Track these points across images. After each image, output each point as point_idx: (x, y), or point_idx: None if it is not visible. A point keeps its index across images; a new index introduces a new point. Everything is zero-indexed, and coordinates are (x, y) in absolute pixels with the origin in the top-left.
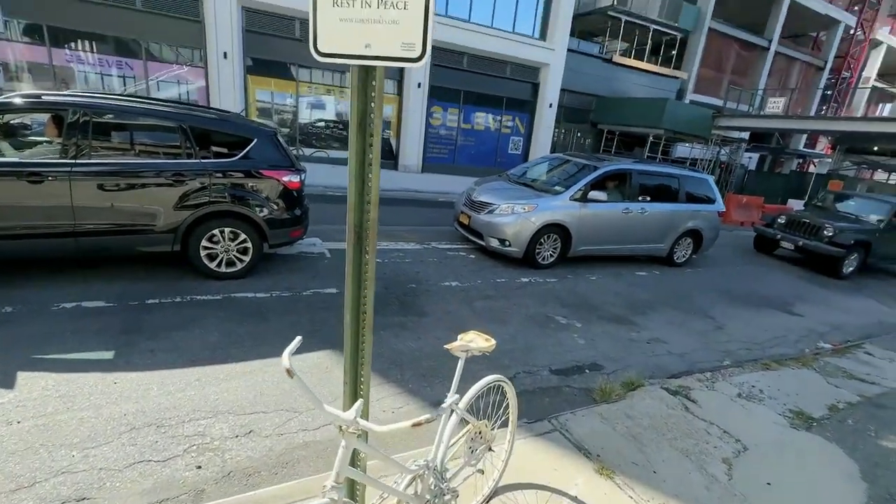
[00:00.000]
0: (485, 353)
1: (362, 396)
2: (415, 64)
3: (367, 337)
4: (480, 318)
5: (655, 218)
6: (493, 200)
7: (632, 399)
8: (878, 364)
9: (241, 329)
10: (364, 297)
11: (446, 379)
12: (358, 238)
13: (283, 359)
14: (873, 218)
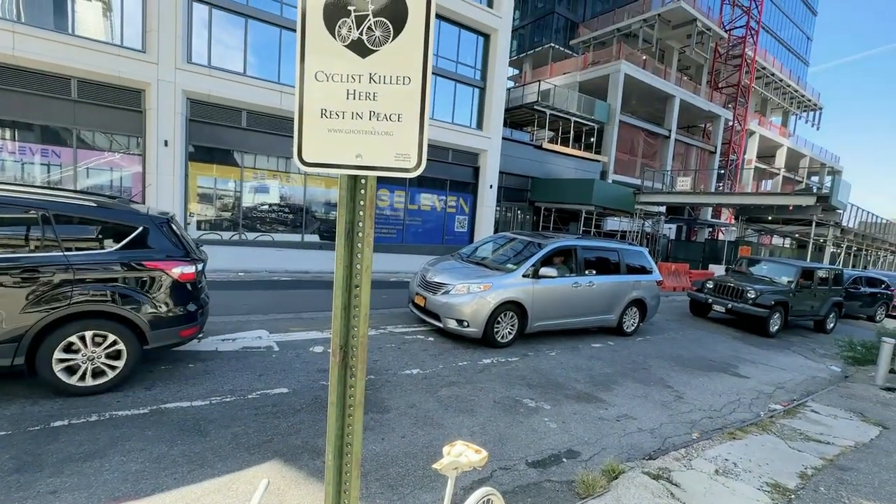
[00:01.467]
0: (476, 469)
1: None
2: (409, 174)
3: (353, 476)
4: (447, 409)
5: (603, 290)
6: (448, 281)
7: (617, 490)
8: (826, 422)
9: (173, 450)
10: (350, 427)
11: (417, 487)
12: (343, 357)
13: None
14: (784, 280)
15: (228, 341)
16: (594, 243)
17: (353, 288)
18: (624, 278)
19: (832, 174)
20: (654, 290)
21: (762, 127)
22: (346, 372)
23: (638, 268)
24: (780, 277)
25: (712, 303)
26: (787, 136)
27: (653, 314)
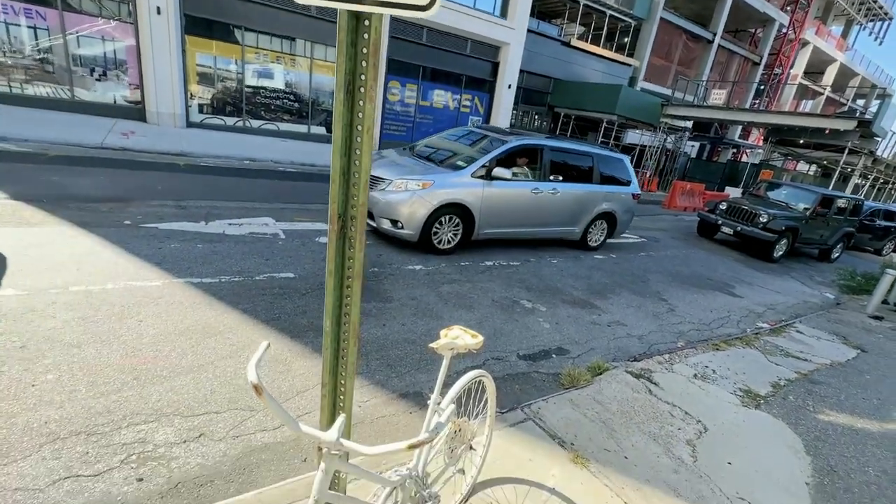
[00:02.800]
0: (471, 351)
1: (344, 411)
2: (421, 13)
3: (350, 343)
4: (447, 303)
5: (568, 199)
6: (386, 175)
7: (599, 384)
8: (807, 342)
9: (186, 320)
10: (348, 298)
11: (414, 369)
12: (342, 227)
13: (249, 373)
14: (801, 206)
15: (235, 226)
16: (566, 145)
17: (353, 151)
18: (594, 188)
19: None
20: (627, 203)
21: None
22: (345, 243)
23: (613, 178)
24: (796, 203)
25: (721, 224)
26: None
27: (623, 229)
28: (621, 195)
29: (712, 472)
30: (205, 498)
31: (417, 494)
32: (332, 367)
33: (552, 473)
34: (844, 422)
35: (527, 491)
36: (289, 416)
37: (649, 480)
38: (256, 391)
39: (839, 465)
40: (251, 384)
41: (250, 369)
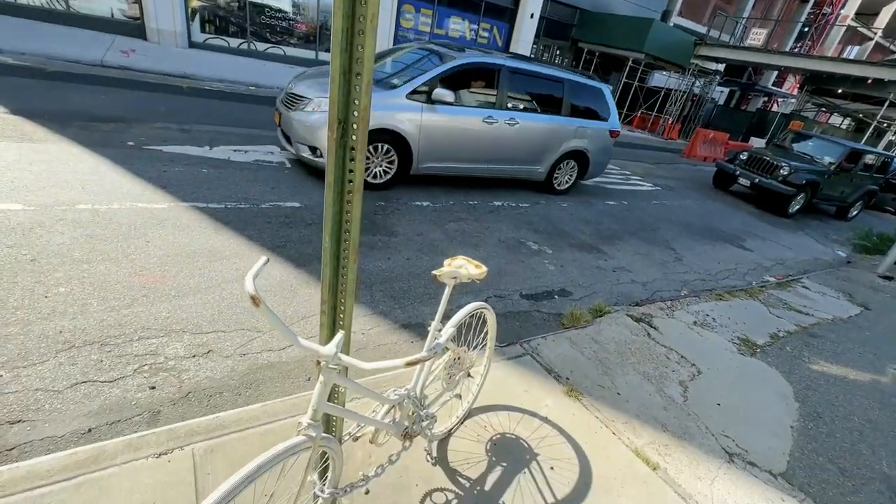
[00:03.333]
0: (474, 281)
1: (343, 328)
2: None
3: (350, 260)
4: (452, 241)
5: (530, 132)
6: (306, 93)
7: (599, 325)
8: (812, 297)
9: (193, 243)
10: (348, 213)
11: (417, 301)
12: (342, 134)
13: (247, 284)
14: (826, 160)
15: (240, 153)
16: (531, 67)
17: (355, 47)
18: (562, 121)
19: None
20: (603, 141)
21: None
22: (346, 153)
23: (589, 110)
24: (821, 157)
25: (739, 175)
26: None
27: (598, 172)
28: (596, 131)
29: (701, 411)
30: (214, 407)
31: (415, 413)
32: (332, 284)
33: (545, 404)
34: (837, 373)
35: (520, 418)
36: (288, 329)
37: (639, 415)
38: (254, 302)
39: (826, 412)
40: (249, 295)
41: (248, 281)
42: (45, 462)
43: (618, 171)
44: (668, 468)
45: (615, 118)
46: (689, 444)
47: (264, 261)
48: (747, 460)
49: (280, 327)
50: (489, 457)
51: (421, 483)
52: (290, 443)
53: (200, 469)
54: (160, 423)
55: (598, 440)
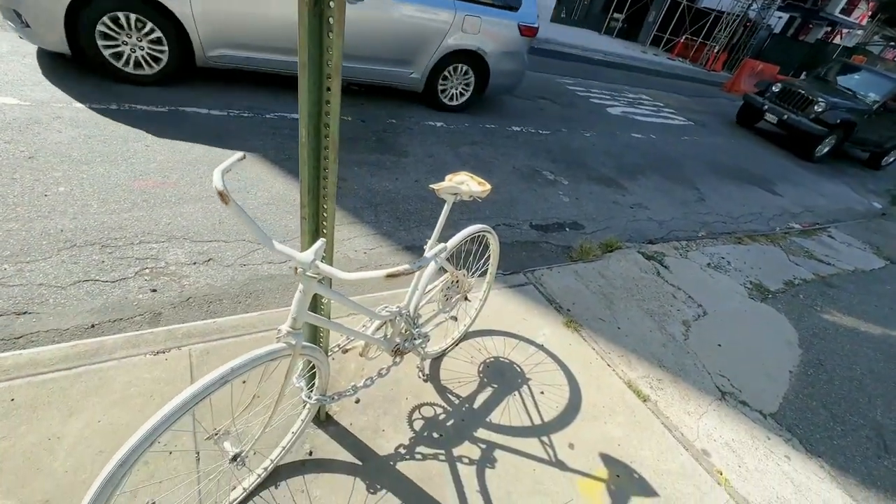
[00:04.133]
0: (476, 199)
1: (324, 235)
2: None
3: (331, 160)
4: (465, 165)
5: (384, 17)
6: None
7: (608, 260)
8: (837, 247)
9: (194, 151)
10: (328, 104)
11: (423, 224)
12: (317, 2)
13: (215, 178)
14: (871, 97)
15: None
16: None
17: None
18: (440, 4)
19: None
20: (509, 41)
21: None
22: (322, 25)
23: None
24: (866, 93)
25: (766, 110)
26: None
27: (504, 85)
28: (496, 24)
29: (700, 350)
30: (213, 313)
31: (407, 332)
32: (312, 187)
33: (543, 333)
34: (848, 324)
35: (515, 344)
36: (261, 231)
37: (636, 350)
38: (222, 199)
39: (828, 360)
40: (216, 191)
41: (216, 175)
42: (47, 351)
43: (649, 102)
44: (659, 401)
45: (531, 8)
46: (683, 380)
47: (240, 156)
48: (739, 399)
49: (253, 228)
50: (481, 378)
51: (411, 397)
52: (267, 349)
53: (196, 369)
54: (161, 325)
55: (592, 370)
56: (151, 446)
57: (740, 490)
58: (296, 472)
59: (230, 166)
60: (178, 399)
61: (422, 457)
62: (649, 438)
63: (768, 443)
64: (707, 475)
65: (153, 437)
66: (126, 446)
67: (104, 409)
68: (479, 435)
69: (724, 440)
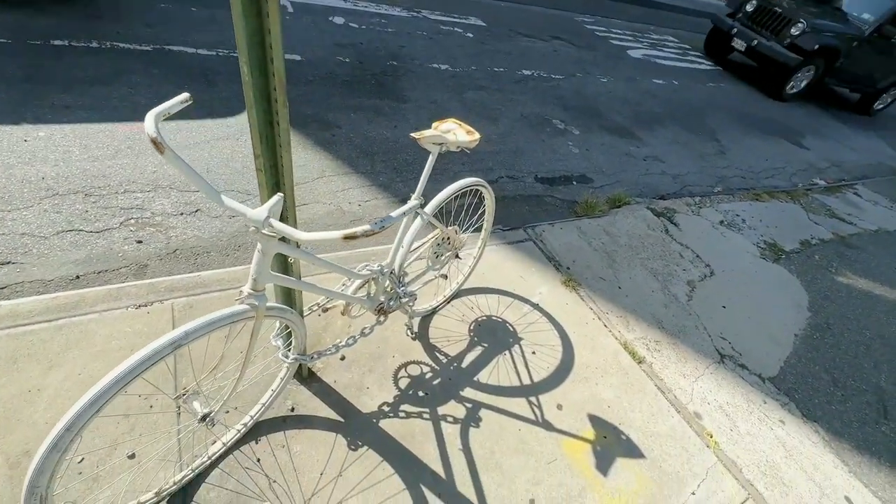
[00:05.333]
0: (464, 150)
1: (284, 189)
2: None
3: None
4: (469, 112)
5: None
6: None
7: (614, 216)
8: (862, 206)
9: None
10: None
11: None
12: None
13: (147, 124)
14: (866, 18)
15: None
16: None
17: None
18: None
19: None
20: None
21: None
22: None
23: None
24: (860, 13)
25: (735, 34)
26: None
27: None
28: None
29: (703, 312)
30: (201, 266)
31: (392, 290)
32: (265, 133)
33: (539, 291)
34: (862, 287)
35: (510, 302)
36: (206, 183)
37: (636, 310)
38: (156, 147)
39: (837, 324)
40: (148, 138)
41: (149, 120)
42: (28, 303)
43: (675, 45)
44: (654, 363)
45: None
46: (682, 342)
47: (183, 98)
48: (739, 363)
49: (196, 179)
50: (471, 337)
51: (398, 355)
52: (226, 311)
53: (179, 322)
54: (147, 277)
55: (588, 331)
56: (100, 410)
57: (729, 453)
58: (277, 427)
59: (169, 110)
60: (126, 364)
61: (405, 415)
62: (641, 400)
63: (764, 407)
64: (697, 438)
65: (100, 402)
66: (72, 411)
67: (85, 362)
68: (465, 394)
69: (719, 403)
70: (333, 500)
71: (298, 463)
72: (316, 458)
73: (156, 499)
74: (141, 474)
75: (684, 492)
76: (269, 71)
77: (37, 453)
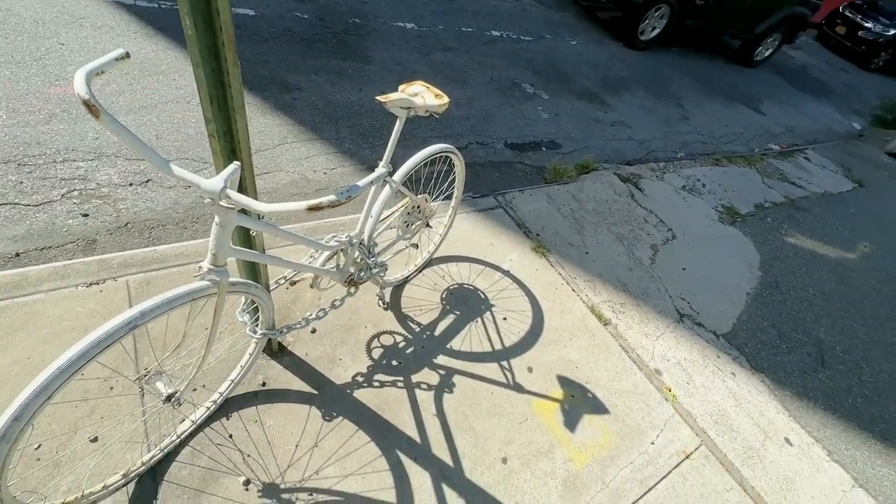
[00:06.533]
0: (433, 115)
1: (240, 157)
2: None
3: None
4: (437, 74)
5: None
6: None
7: (583, 182)
8: (811, 170)
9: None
10: None
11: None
12: None
13: (78, 84)
14: None
15: None
16: None
17: None
18: None
19: None
20: None
21: None
22: None
23: None
24: None
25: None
26: None
27: None
28: None
29: (665, 274)
30: (156, 240)
31: (362, 261)
32: (216, 96)
33: (510, 258)
34: (808, 247)
35: (481, 270)
36: (152, 151)
37: (602, 275)
38: (90, 111)
39: (784, 282)
40: (80, 100)
41: (79, 79)
42: None
43: None
44: (619, 324)
45: None
46: (644, 304)
47: (119, 54)
48: (696, 321)
49: (139, 146)
50: (443, 305)
51: (370, 326)
52: (185, 289)
53: (136, 300)
54: (97, 253)
55: (557, 296)
56: (51, 398)
57: (685, 405)
58: (248, 403)
59: (102, 67)
60: (78, 348)
61: (379, 384)
62: (606, 360)
63: (717, 361)
64: (657, 392)
65: (50, 388)
66: (19, 400)
67: (33, 346)
68: (438, 361)
69: (677, 360)
70: (310, 469)
71: (272, 436)
72: (290, 431)
73: (123, 480)
74: (105, 457)
75: (644, 442)
76: (215, 25)
77: None
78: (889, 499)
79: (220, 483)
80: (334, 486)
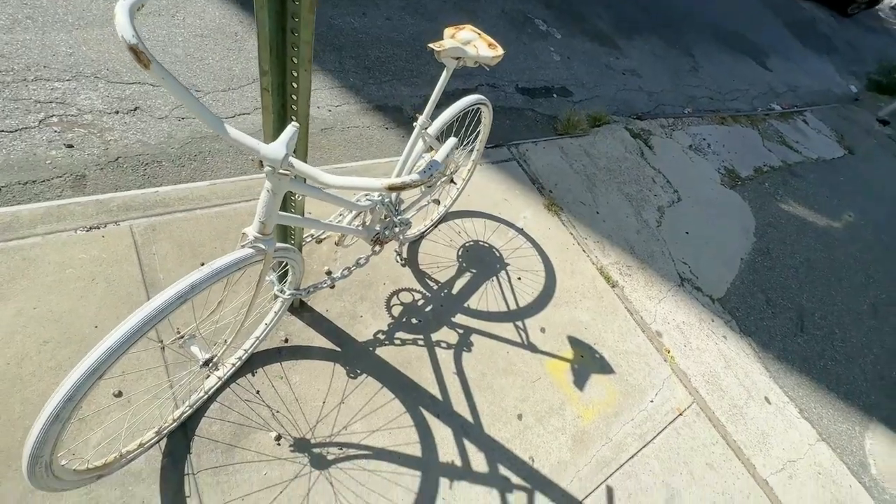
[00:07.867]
0: (485, 67)
1: (296, 118)
2: None
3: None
4: (445, 2)
5: None
6: None
7: (594, 136)
8: (808, 133)
9: None
10: None
11: (397, 78)
12: None
13: (120, 24)
14: None
15: None
16: None
17: None
18: None
19: None
20: None
21: None
22: None
23: None
24: None
25: None
26: None
27: None
28: None
29: (669, 237)
30: (152, 178)
31: (388, 219)
32: (276, 44)
33: (524, 216)
34: (799, 214)
35: (496, 227)
36: (206, 109)
37: (611, 236)
38: (138, 59)
39: (774, 248)
40: (126, 45)
41: (122, 16)
42: None
43: None
44: (626, 287)
45: None
46: (649, 267)
47: None
48: (695, 286)
49: (192, 103)
50: (459, 262)
51: (388, 283)
52: (233, 258)
53: (143, 248)
54: (88, 190)
55: (568, 256)
56: (104, 375)
57: (681, 365)
58: (272, 359)
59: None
60: (129, 325)
61: (401, 342)
62: (613, 322)
63: (712, 324)
64: (657, 354)
65: (101, 369)
66: (71, 380)
67: (38, 295)
68: (457, 320)
69: (676, 323)
70: (338, 425)
71: (299, 392)
72: (316, 388)
73: (157, 437)
74: (132, 415)
75: (644, 400)
76: None
77: (36, 425)
78: (845, 451)
79: (252, 438)
80: (363, 440)
